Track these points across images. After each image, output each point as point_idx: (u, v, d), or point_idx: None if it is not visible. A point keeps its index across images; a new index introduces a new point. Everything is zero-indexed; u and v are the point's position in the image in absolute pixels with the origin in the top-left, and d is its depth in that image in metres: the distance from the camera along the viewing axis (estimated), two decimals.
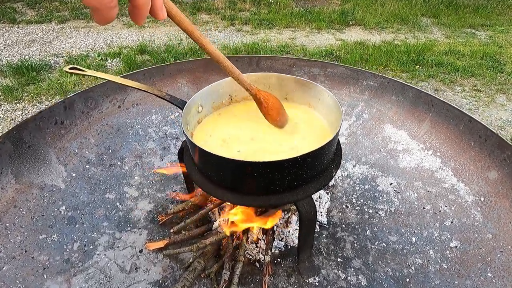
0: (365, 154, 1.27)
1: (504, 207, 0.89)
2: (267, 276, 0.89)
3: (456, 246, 0.88)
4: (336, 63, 1.47)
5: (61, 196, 1.05)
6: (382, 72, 3.72)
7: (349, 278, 0.89)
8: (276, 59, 1.56)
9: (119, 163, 1.24)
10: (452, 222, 0.94)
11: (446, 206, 0.99)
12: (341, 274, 0.90)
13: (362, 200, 1.11)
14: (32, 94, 2.84)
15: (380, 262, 0.91)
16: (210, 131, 0.96)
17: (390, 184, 1.13)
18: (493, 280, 0.78)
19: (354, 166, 1.24)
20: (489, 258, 0.82)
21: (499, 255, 0.81)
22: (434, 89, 3.47)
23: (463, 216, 0.94)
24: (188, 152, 0.92)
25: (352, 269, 0.91)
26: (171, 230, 1.03)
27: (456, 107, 1.09)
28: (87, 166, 1.18)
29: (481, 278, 0.79)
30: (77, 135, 1.22)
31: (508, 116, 3.07)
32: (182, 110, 0.91)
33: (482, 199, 0.95)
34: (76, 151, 1.20)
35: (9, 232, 0.90)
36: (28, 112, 2.77)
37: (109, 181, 1.16)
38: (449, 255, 0.87)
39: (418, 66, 3.77)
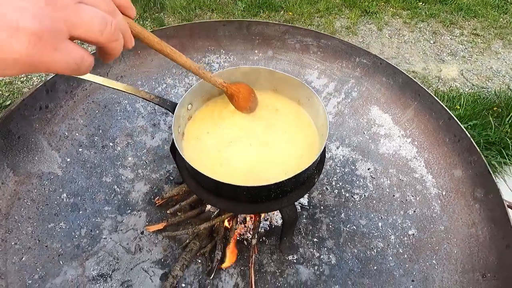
0: (349, 136, 1.33)
1: (460, 204, 1.02)
2: (253, 256, 1.06)
3: (413, 234, 1.04)
4: (330, 35, 1.39)
5: (60, 183, 1.11)
6: (382, 8, 3.47)
7: (322, 256, 1.06)
8: (268, 25, 1.45)
9: (111, 143, 1.27)
10: (414, 211, 1.09)
11: (413, 196, 1.12)
12: (316, 253, 1.07)
13: (341, 183, 1.23)
14: None
15: (349, 243, 1.08)
16: (201, 129, 0.98)
17: (368, 169, 1.24)
18: (436, 267, 0.96)
19: (337, 148, 1.32)
20: (437, 247, 0.99)
21: (445, 246, 0.98)
22: (432, 32, 3.33)
23: (424, 207, 1.08)
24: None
25: (325, 248, 1.08)
26: (168, 211, 1.15)
27: (440, 102, 1.12)
28: (80, 150, 1.21)
29: (427, 264, 0.97)
30: (64, 117, 1.21)
31: (499, 65, 3.06)
32: (173, 113, 0.92)
33: (444, 193, 1.08)
34: (66, 134, 1.20)
35: (19, 224, 0.99)
36: None
37: (103, 164, 1.21)
38: (406, 241, 1.03)
39: (421, 3, 3.51)
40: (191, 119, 1.02)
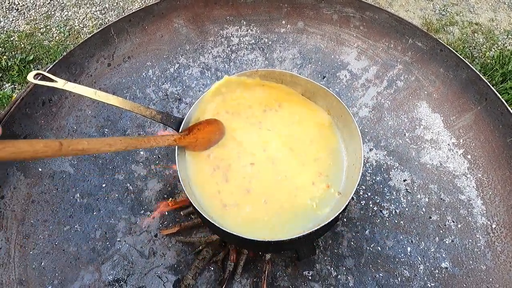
0: (386, 137, 1.14)
1: None
2: (267, 270, 1.02)
3: (446, 268, 0.93)
4: (378, 6, 1.08)
5: (72, 183, 1.09)
6: None
7: (339, 276, 1.00)
8: None
9: (121, 136, 1.19)
10: (452, 241, 0.95)
11: (453, 222, 0.97)
12: (333, 271, 1.01)
13: (369, 194, 1.10)
14: None
15: (370, 266, 0.99)
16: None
17: (404, 180, 1.08)
18: None
19: (370, 150, 1.15)
20: None
21: None
22: None
23: (466, 238, 0.94)
24: None
25: (344, 268, 1.01)
26: (181, 213, 1.11)
27: None
28: None
29: None
30: (70, 109, 1.13)
31: None
32: (178, 132, 0.80)
33: (494, 226, 0.92)
34: (75, 127, 1.13)
35: (36, 229, 1.00)
36: None
37: (115, 160, 1.16)
38: (437, 275, 0.93)
39: None
40: None
